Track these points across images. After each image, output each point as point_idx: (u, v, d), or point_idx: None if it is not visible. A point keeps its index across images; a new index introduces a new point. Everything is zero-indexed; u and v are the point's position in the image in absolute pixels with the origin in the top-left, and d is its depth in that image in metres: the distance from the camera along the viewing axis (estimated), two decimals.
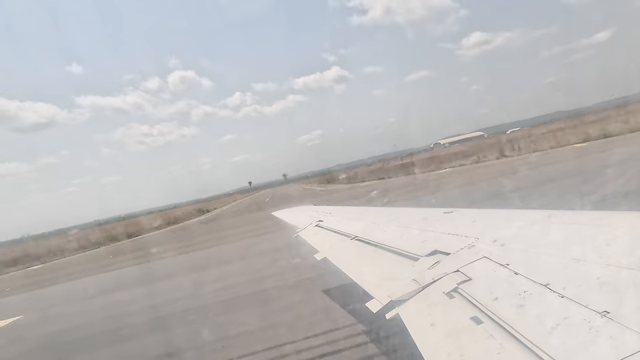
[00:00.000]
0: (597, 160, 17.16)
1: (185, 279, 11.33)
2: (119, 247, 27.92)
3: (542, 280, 1.53)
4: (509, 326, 1.39)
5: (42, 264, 25.95)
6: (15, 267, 26.04)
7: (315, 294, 6.89)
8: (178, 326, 6.99)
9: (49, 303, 12.38)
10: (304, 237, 5.01)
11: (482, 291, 1.70)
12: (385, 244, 3.05)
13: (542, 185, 13.81)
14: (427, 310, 1.85)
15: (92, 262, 21.80)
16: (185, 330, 6.74)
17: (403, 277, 2.28)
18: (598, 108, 78.10)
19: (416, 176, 32.44)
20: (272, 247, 12.55)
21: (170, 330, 6.93)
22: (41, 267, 24.71)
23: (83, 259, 24.85)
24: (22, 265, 26.42)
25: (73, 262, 24.17)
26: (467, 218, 3.16)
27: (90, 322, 8.78)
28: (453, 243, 2.38)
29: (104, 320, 8.71)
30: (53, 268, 22.71)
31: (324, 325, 5.55)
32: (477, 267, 1.93)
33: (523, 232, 2.22)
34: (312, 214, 6.25)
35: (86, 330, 8.22)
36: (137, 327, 7.59)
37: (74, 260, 25.32)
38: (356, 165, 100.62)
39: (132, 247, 25.41)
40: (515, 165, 23.33)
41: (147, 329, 7.43)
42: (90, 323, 8.69)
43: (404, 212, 4.89)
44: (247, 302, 7.60)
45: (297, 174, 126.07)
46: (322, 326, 5.54)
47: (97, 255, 25.35)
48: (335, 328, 5.37)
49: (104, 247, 29.22)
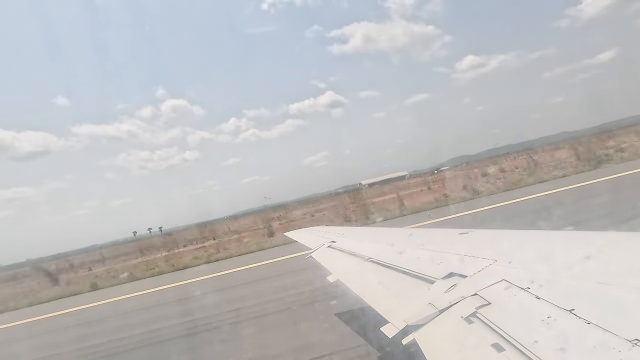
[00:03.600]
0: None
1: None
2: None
3: (566, 305, 1.46)
4: (533, 354, 1.32)
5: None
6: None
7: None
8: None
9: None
10: (316, 258, 4.96)
11: (503, 316, 1.64)
12: (400, 266, 2.99)
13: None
14: (445, 336, 1.78)
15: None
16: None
17: (419, 301, 2.22)
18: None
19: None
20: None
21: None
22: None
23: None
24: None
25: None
26: (483, 239, 3.09)
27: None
28: (470, 265, 2.32)
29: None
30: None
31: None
32: (496, 291, 1.86)
33: (543, 253, 2.14)
34: (325, 234, 6.21)
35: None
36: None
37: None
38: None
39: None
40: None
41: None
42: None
43: (419, 233, 4.81)
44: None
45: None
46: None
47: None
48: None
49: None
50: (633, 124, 64.81)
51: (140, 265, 21.55)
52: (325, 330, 6.30)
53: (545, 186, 17.55)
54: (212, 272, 14.61)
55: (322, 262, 4.68)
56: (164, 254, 25.86)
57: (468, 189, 21.84)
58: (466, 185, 23.38)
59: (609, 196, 12.56)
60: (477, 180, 26.69)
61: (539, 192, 16.10)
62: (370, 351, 5.02)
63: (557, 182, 18.12)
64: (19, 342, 10.28)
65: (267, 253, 16.46)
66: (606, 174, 16.68)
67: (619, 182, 14.90)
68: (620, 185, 14.52)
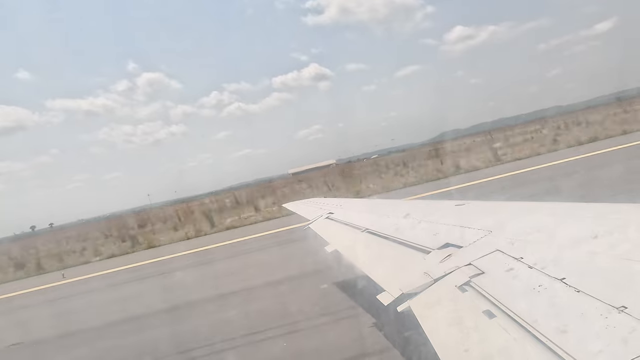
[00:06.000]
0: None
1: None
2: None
3: (557, 274, 1.51)
4: (523, 321, 1.37)
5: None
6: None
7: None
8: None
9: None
10: (314, 229, 5.04)
11: (496, 285, 1.69)
12: (396, 237, 3.05)
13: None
14: (439, 304, 1.85)
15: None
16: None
17: (414, 270, 2.27)
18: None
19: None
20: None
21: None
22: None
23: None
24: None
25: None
26: (479, 210, 3.12)
27: None
28: (465, 236, 2.36)
29: None
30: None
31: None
32: (490, 261, 1.91)
33: (537, 224, 2.18)
34: (323, 206, 6.27)
35: None
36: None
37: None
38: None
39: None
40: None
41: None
42: None
43: (415, 205, 4.86)
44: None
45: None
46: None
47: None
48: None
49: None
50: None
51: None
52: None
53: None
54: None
55: (320, 232, 4.76)
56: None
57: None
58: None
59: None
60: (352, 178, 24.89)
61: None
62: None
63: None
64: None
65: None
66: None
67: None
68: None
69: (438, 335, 1.66)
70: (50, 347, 7.28)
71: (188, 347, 5.76)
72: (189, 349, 5.69)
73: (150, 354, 5.88)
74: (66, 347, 7.07)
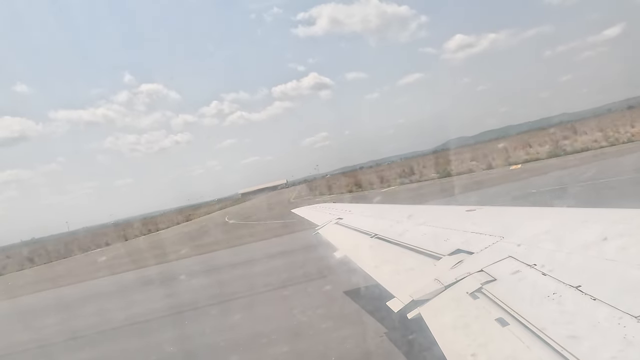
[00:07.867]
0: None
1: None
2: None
3: (572, 281, 1.47)
4: (537, 329, 1.34)
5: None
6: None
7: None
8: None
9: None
10: (323, 234, 5.02)
11: (508, 292, 1.65)
12: (406, 243, 3.02)
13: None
14: (450, 311, 1.81)
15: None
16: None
17: (425, 277, 2.24)
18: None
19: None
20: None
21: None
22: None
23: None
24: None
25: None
26: (490, 216, 3.08)
27: None
28: (476, 242, 2.33)
29: None
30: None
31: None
32: (502, 267, 1.87)
33: (550, 230, 2.14)
34: (332, 211, 6.25)
35: None
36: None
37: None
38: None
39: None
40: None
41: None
42: None
43: (425, 210, 4.82)
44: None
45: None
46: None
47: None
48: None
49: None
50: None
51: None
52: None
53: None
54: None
55: (329, 238, 4.73)
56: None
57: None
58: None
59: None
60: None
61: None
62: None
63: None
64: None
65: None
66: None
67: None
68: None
69: (449, 342, 1.63)
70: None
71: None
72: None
73: None
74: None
